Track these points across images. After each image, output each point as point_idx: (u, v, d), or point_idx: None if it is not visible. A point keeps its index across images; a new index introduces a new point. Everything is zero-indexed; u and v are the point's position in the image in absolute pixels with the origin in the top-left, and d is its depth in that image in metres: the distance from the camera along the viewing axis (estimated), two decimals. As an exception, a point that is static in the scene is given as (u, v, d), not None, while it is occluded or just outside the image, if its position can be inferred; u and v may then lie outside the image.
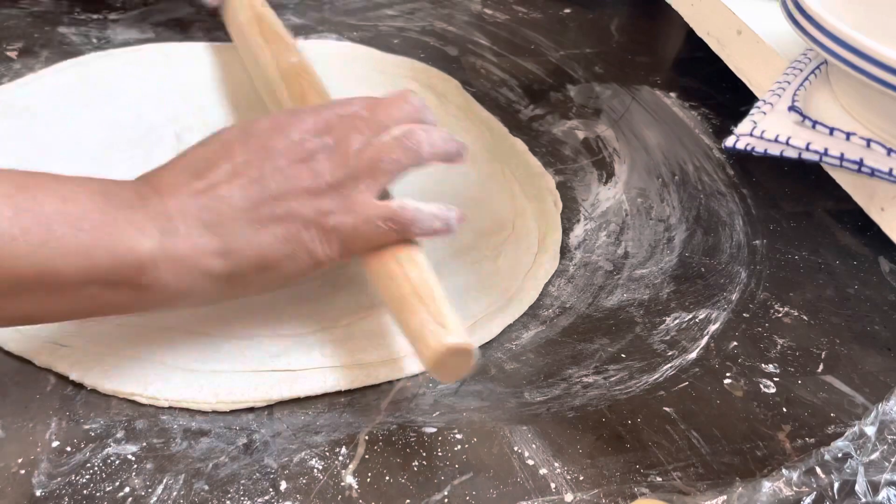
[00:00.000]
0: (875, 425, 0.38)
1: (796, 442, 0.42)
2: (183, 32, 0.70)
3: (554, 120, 0.65)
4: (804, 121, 0.48)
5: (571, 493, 0.39)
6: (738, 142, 0.50)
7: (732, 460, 0.41)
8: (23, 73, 0.63)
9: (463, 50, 0.72)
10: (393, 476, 0.39)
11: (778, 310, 0.50)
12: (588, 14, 0.81)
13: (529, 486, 0.39)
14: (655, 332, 0.48)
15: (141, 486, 0.37)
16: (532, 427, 0.42)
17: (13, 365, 0.42)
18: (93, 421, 0.40)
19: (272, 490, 0.38)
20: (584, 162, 0.61)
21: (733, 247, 0.54)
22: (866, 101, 0.48)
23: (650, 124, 0.65)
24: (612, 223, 0.55)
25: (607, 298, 0.50)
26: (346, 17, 0.74)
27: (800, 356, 0.47)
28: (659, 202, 0.58)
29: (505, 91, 0.68)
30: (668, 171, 0.60)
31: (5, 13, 0.70)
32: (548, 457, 0.40)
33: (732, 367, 0.46)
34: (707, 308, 0.50)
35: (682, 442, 0.42)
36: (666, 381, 0.45)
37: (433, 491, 0.38)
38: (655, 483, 0.39)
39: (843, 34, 0.44)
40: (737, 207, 0.58)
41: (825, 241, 0.56)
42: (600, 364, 0.45)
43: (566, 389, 0.44)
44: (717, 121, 0.66)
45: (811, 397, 0.45)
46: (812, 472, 0.37)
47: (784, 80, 0.53)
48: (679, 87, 0.70)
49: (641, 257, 0.53)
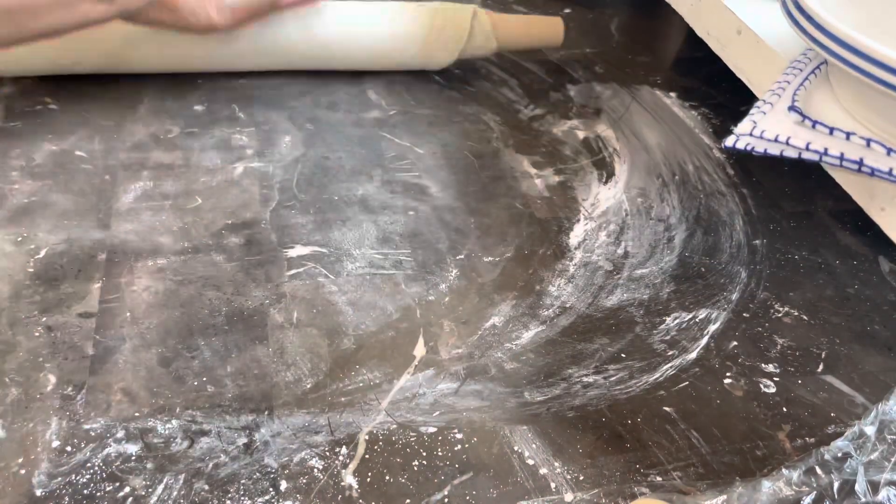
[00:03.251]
0: (875, 425, 0.38)
1: (796, 442, 0.42)
2: (183, 32, 0.70)
3: (554, 120, 0.65)
4: (804, 121, 0.48)
5: (571, 493, 0.39)
6: (738, 142, 0.50)
7: (732, 460, 0.41)
8: (23, 73, 0.63)
9: (463, 50, 0.73)
10: (393, 476, 0.39)
11: (778, 310, 0.50)
12: (588, 14, 0.81)
13: (529, 485, 0.39)
14: (655, 331, 0.48)
15: (141, 486, 0.37)
16: (532, 427, 0.42)
17: (13, 364, 0.42)
18: (93, 421, 0.40)
19: (272, 490, 0.38)
20: (584, 162, 0.61)
21: (733, 247, 0.54)
22: (866, 101, 0.48)
23: (650, 124, 0.65)
24: (612, 223, 0.55)
25: (607, 298, 0.50)
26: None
27: (800, 356, 0.47)
28: (659, 202, 0.58)
29: (505, 91, 0.68)
30: (668, 171, 0.60)
31: (5, 13, 0.70)
32: (548, 456, 0.40)
33: (732, 367, 0.46)
34: (707, 308, 0.50)
35: (682, 442, 0.42)
36: (666, 381, 0.45)
37: (433, 491, 0.38)
38: (655, 483, 0.40)
39: (843, 34, 0.44)
40: (737, 207, 0.58)
41: (825, 241, 0.56)
42: (600, 364, 0.45)
43: (566, 389, 0.44)
44: (717, 121, 0.66)
45: (811, 397, 0.45)
46: (812, 472, 0.37)
47: (784, 80, 0.53)
48: (679, 87, 0.70)
49: (641, 257, 0.53)
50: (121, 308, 0.46)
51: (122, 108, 0.61)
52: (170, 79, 0.64)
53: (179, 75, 0.65)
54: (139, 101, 0.62)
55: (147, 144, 0.58)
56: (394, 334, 0.46)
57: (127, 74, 0.64)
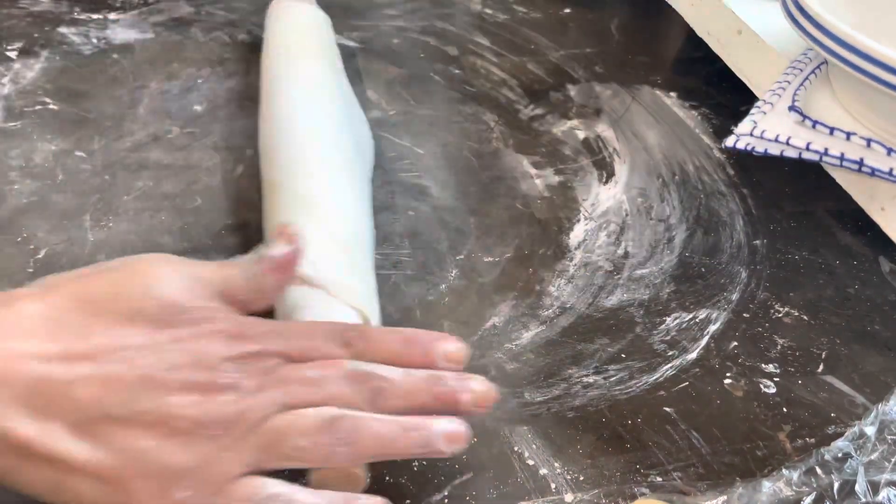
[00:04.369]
0: (875, 425, 0.38)
1: (796, 442, 0.42)
2: (183, 33, 0.70)
3: (554, 120, 0.65)
4: (804, 121, 0.48)
5: (571, 494, 0.39)
6: (739, 142, 0.50)
7: (733, 460, 0.41)
8: (23, 73, 0.63)
9: (463, 50, 0.73)
10: (393, 476, 0.39)
11: (778, 310, 0.50)
12: (588, 14, 0.81)
13: (529, 486, 0.39)
14: (655, 332, 0.48)
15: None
16: (532, 427, 0.42)
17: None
18: (93, 421, 0.40)
19: (272, 490, 0.38)
20: (584, 162, 0.61)
21: (733, 247, 0.54)
22: (866, 100, 0.48)
23: (650, 124, 0.65)
24: (612, 223, 0.55)
25: (607, 298, 0.50)
26: (346, 17, 0.74)
27: (800, 356, 0.47)
28: (659, 202, 0.58)
29: (505, 91, 0.68)
30: (669, 171, 0.60)
31: (5, 13, 0.70)
32: (548, 457, 0.40)
33: (732, 367, 0.46)
34: (707, 308, 0.50)
35: (683, 442, 0.42)
36: (666, 381, 0.45)
37: (433, 491, 0.38)
38: (655, 483, 0.39)
39: (843, 34, 0.44)
40: (737, 207, 0.58)
41: (825, 241, 0.56)
42: (600, 364, 0.45)
43: (566, 389, 0.44)
44: (717, 121, 0.66)
45: (811, 397, 0.45)
46: (812, 472, 0.37)
47: (784, 80, 0.53)
48: (679, 87, 0.70)
49: (641, 257, 0.53)
50: (121, 308, 0.46)
51: (122, 108, 0.61)
52: (170, 79, 0.64)
53: (179, 75, 0.65)
54: (139, 101, 0.62)
55: (147, 144, 0.58)
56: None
57: (127, 74, 0.64)
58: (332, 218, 0.46)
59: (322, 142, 0.51)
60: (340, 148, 0.51)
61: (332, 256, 0.43)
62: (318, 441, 0.32)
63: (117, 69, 0.65)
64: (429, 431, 0.33)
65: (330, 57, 0.60)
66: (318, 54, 0.59)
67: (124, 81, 0.64)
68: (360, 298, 0.42)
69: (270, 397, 0.32)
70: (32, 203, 0.52)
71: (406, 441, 0.33)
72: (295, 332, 0.35)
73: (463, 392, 0.34)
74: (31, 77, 0.63)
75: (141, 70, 0.65)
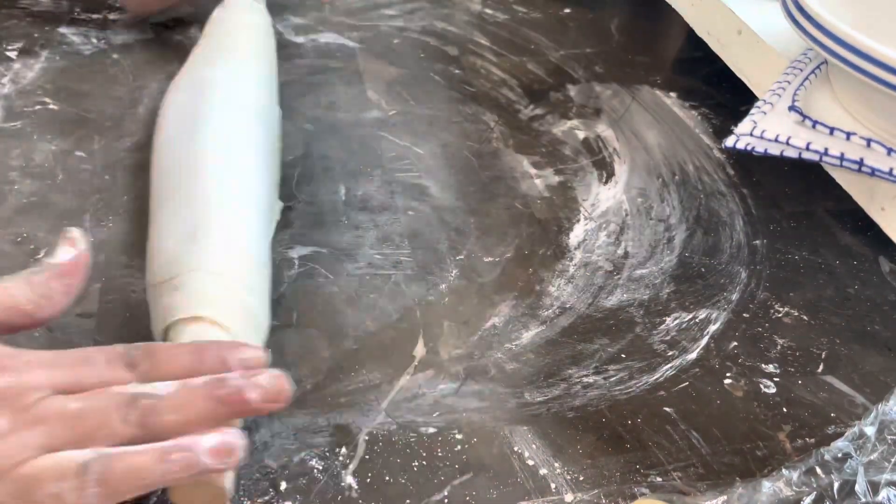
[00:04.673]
0: (875, 425, 0.38)
1: (796, 442, 0.42)
2: (183, 33, 0.70)
3: (554, 120, 0.65)
4: (804, 121, 0.48)
5: (571, 494, 0.39)
6: (738, 142, 0.50)
7: (732, 460, 0.41)
8: (23, 73, 0.63)
9: (463, 50, 0.73)
10: (393, 476, 0.39)
11: (778, 310, 0.50)
12: (588, 14, 0.81)
13: (529, 486, 0.39)
14: (655, 332, 0.48)
15: (141, 487, 0.37)
16: (532, 427, 0.42)
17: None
18: (93, 421, 0.40)
19: (272, 490, 0.38)
20: (584, 162, 0.61)
21: (733, 247, 0.54)
22: (866, 100, 0.48)
23: (650, 124, 0.65)
24: (612, 223, 0.55)
25: (607, 298, 0.50)
26: (346, 17, 0.75)
27: (800, 356, 0.47)
28: (659, 202, 0.58)
29: (505, 91, 0.68)
30: (668, 171, 0.60)
31: (5, 13, 0.70)
32: (548, 457, 0.40)
33: (732, 367, 0.46)
34: (707, 308, 0.50)
35: (682, 442, 0.42)
36: (666, 381, 0.45)
37: (433, 491, 0.38)
38: (655, 483, 0.39)
39: (843, 34, 0.44)
40: (737, 207, 0.58)
41: (825, 241, 0.56)
42: (600, 364, 0.45)
43: (566, 389, 0.44)
44: (717, 121, 0.66)
45: (811, 397, 0.45)
46: (812, 472, 0.37)
47: (784, 80, 0.53)
48: (679, 87, 0.70)
49: (641, 257, 0.53)
50: (121, 308, 0.46)
51: (122, 108, 0.61)
52: (170, 79, 0.64)
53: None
54: (139, 101, 0.62)
55: (147, 144, 0.58)
56: (394, 335, 0.46)
57: (127, 74, 0.64)
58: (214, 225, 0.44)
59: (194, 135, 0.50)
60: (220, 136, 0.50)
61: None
62: (72, 486, 0.29)
63: (117, 69, 0.65)
64: (194, 451, 0.30)
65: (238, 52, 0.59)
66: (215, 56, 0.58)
67: (124, 81, 0.64)
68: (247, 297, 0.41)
69: (23, 440, 0.29)
70: (32, 203, 0.52)
71: (165, 467, 0.30)
72: (69, 361, 0.32)
73: (249, 390, 0.32)
74: (31, 77, 0.63)
75: (141, 70, 0.65)
